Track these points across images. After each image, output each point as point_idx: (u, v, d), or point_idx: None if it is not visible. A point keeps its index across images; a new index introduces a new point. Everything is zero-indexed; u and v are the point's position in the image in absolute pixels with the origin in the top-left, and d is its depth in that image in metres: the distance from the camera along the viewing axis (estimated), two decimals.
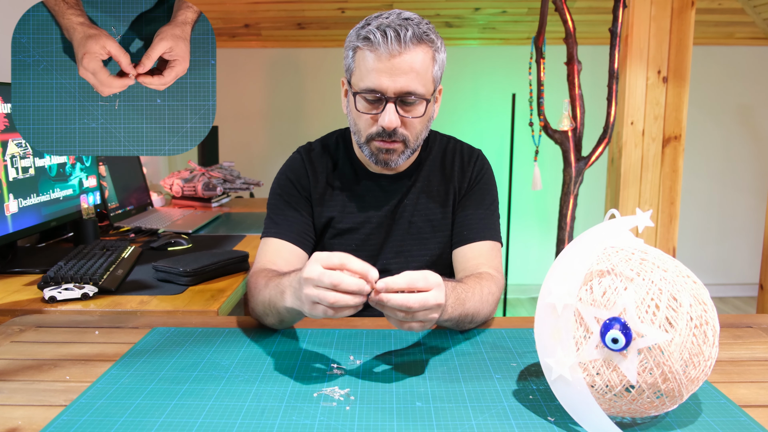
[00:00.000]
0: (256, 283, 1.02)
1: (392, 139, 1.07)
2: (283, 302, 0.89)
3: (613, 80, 2.33)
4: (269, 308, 0.96)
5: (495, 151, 3.89)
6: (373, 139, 1.09)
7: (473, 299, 0.97)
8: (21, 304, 1.27)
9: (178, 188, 2.65)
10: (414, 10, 1.09)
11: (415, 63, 1.03)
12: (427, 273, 0.82)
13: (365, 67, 1.04)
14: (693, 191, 3.99)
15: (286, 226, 1.16)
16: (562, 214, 2.46)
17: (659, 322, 0.65)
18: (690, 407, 0.76)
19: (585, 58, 2.46)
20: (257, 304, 1.00)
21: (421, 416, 0.74)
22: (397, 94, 1.03)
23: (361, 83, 1.05)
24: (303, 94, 3.96)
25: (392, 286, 0.79)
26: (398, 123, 1.06)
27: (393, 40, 1.01)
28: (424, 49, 1.04)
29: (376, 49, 1.02)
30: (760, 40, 3.81)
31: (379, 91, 1.03)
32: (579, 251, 0.72)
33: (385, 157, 1.10)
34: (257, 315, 1.03)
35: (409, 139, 1.09)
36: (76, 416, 0.74)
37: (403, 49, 1.01)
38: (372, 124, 1.08)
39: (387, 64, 1.02)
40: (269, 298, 0.94)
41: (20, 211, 1.60)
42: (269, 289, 0.95)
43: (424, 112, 1.08)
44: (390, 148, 1.09)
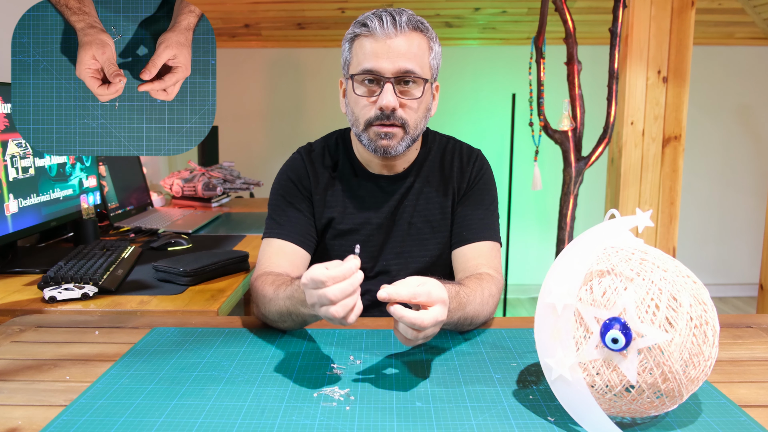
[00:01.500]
0: (264, 290, 1.01)
1: (391, 121, 1.07)
2: (309, 311, 0.88)
3: (613, 80, 2.33)
4: (287, 316, 0.96)
5: (495, 151, 3.89)
6: (371, 125, 1.09)
7: (474, 303, 0.98)
8: (21, 304, 1.27)
9: (178, 188, 2.65)
10: (414, 10, 1.10)
11: (411, 45, 1.06)
12: (431, 287, 0.82)
13: (363, 52, 1.06)
14: (693, 191, 3.99)
15: (289, 226, 1.16)
16: (562, 214, 2.46)
17: (659, 322, 0.65)
18: (690, 407, 0.76)
19: (585, 58, 2.46)
20: (270, 313, 0.99)
21: (421, 416, 0.74)
22: (394, 74, 1.05)
23: (358, 67, 1.07)
24: (303, 94, 3.96)
25: (395, 297, 0.80)
26: (396, 103, 1.06)
27: (389, 23, 1.04)
28: (420, 35, 1.07)
29: (372, 33, 1.05)
30: (760, 40, 3.81)
31: (376, 72, 1.05)
32: (579, 251, 0.72)
33: (384, 143, 1.09)
34: (270, 320, 1.02)
35: (408, 124, 1.09)
36: (76, 416, 0.74)
37: (399, 32, 1.05)
38: (370, 107, 1.08)
39: (384, 45, 1.04)
40: (287, 308, 0.94)
41: (20, 211, 1.60)
42: (283, 300, 0.94)
43: (422, 93, 1.08)
44: (389, 132, 1.08)
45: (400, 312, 0.80)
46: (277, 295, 0.96)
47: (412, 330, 0.81)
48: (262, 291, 1.01)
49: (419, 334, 0.82)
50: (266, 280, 1.03)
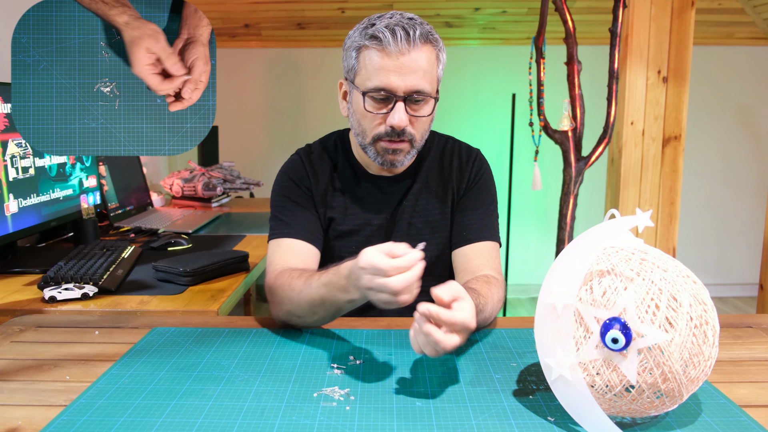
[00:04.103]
0: (292, 283, 0.98)
1: (400, 138, 1.07)
2: (347, 297, 0.88)
3: (613, 80, 2.33)
4: (319, 306, 0.94)
5: (495, 151, 3.89)
6: (380, 140, 1.08)
7: (486, 310, 0.97)
8: (21, 304, 1.27)
9: (178, 188, 2.65)
10: (414, 10, 1.09)
11: (422, 62, 1.03)
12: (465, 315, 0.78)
13: (373, 66, 1.03)
14: (693, 191, 3.99)
15: (298, 225, 1.14)
16: (562, 214, 2.46)
17: (659, 322, 0.65)
18: (690, 407, 0.76)
19: (585, 58, 2.46)
20: (299, 306, 0.97)
21: (421, 416, 0.74)
22: (406, 92, 1.03)
23: (368, 82, 1.04)
24: (303, 94, 3.96)
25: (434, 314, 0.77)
26: (408, 122, 1.05)
27: (402, 38, 1.01)
28: (430, 48, 1.05)
29: (384, 47, 1.01)
30: (760, 40, 3.81)
31: (388, 90, 1.03)
32: (579, 251, 0.72)
33: (391, 157, 1.09)
34: (296, 315, 0.99)
35: (416, 139, 1.09)
36: (76, 416, 0.74)
37: (412, 48, 1.02)
38: (379, 124, 1.07)
39: (396, 62, 1.02)
40: (321, 296, 0.92)
41: (20, 211, 1.60)
42: (317, 289, 0.93)
43: (431, 110, 1.08)
44: (397, 149, 1.08)
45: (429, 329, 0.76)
46: (310, 285, 0.94)
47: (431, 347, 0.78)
48: (289, 284, 0.99)
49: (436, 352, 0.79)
50: (292, 274, 1.01)
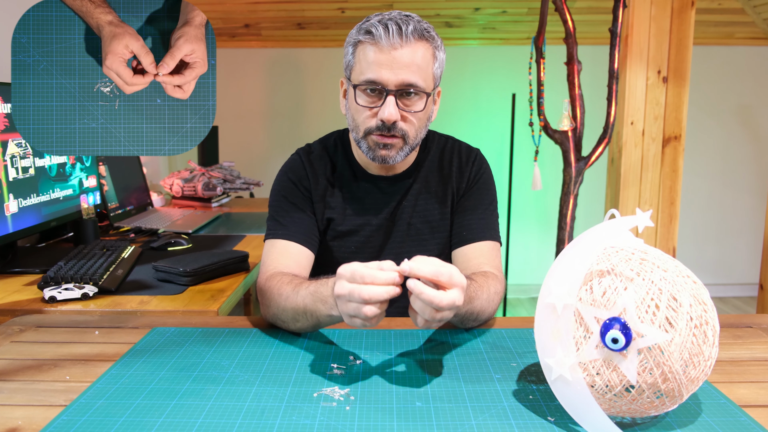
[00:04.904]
0: (281, 288, 0.99)
1: (391, 133, 1.07)
2: (327, 311, 0.88)
3: (613, 80, 2.33)
4: (302, 314, 0.94)
5: (495, 151, 3.89)
6: (371, 133, 1.08)
7: (481, 298, 0.98)
8: (21, 304, 1.27)
9: (178, 188, 2.65)
10: (414, 10, 1.09)
11: (416, 57, 1.03)
12: (452, 269, 0.79)
13: (366, 60, 1.04)
14: (693, 191, 3.99)
15: (294, 227, 1.15)
16: (562, 214, 2.46)
17: (659, 322, 0.65)
18: (690, 407, 0.76)
19: (585, 58, 2.46)
20: (284, 311, 0.98)
21: (421, 416, 0.74)
22: (397, 86, 1.03)
23: (361, 76, 1.05)
24: (303, 94, 3.96)
25: (416, 272, 0.77)
26: (398, 116, 1.05)
27: (395, 33, 1.01)
28: (425, 45, 1.05)
29: (377, 42, 1.02)
30: (760, 40, 3.81)
31: (379, 83, 1.03)
32: (579, 251, 0.72)
33: (382, 152, 1.09)
34: (281, 320, 1.00)
35: (408, 136, 1.08)
36: (76, 416, 0.74)
37: (405, 42, 1.02)
38: (371, 117, 1.07)
39: (388, 56, 1.02)
40: (305, 305, 0.92)
41: (20, 211, 1.60)
42: (303, 297, 0.93)
43: (424, 107, 1.07)
44: (388, 143, 1.08)
45: (419, 288, 0.77)
46: (297, 292, 0.94)
47: (430, 309, 0.78)
48: (278, 289, 0.99)
49: (436, 315, 0.78)
50: (283, 279, 1.02)
